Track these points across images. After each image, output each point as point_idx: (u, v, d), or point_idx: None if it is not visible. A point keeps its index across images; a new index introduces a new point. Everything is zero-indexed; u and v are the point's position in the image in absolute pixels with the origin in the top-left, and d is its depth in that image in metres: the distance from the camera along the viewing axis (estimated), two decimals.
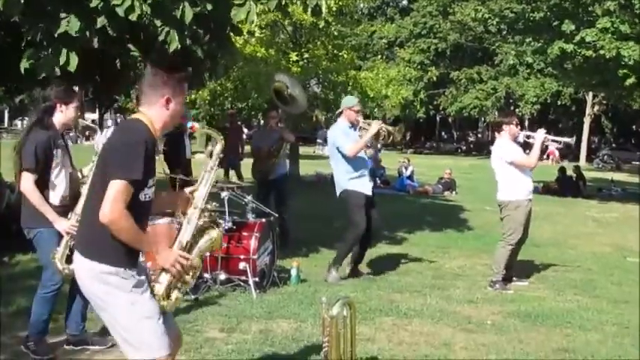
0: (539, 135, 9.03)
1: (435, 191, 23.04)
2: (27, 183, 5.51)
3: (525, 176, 8.92)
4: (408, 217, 15.37)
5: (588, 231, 15.22)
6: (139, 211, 3.71)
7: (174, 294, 3.86)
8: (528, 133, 9.44)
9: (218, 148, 4.16)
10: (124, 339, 3.73)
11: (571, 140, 10.23)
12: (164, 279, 3.80)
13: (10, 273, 8.43)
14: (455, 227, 14.13)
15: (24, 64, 7.37)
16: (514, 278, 9.08)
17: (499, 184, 9.02)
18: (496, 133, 9.40)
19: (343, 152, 8.74)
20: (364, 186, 8.84)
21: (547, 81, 46.59)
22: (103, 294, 3.70)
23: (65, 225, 5.48)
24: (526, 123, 53.01)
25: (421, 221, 14.87)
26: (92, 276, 3.71)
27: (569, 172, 26.14)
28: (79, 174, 5.97)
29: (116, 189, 3.56)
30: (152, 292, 3.76)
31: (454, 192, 22.93)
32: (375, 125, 8.77)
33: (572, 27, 22.01)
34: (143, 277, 3.77)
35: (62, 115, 5.76)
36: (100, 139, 5.88)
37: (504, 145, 9.00)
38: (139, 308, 3.69)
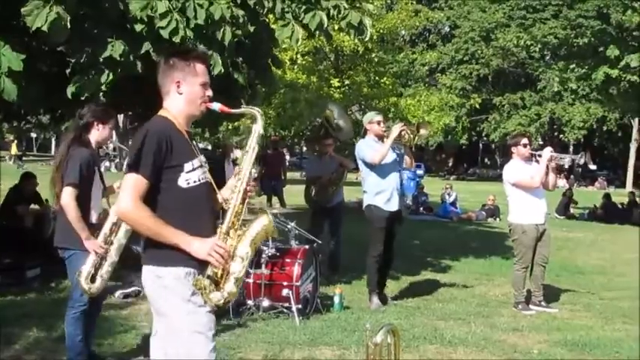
0: (545, 153, 8.89)
1: (479, 217, 22.89)
2: (69, 198, 5.48)
3: (535, 199, 8.83)
4: (451, 243, 15.23)
5: (636, 258, 14.90)
6: (184, 197, 3.62)
7: (228, 286, 3.61)
8: (536, 152, 9.22)
9: (259, 124, 3.87)
10: (175, 350, 3.59)
11: (578, 157, 10.20)
12: (209, 270, 3.55)
13: (57, 298, 8.51)
14: (499, 254, 13.92)
15: (70, 89, 7.48)
16: (542, 303, 9.01)
17: (509, 207, 9.09)
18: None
19: (368, 161, 8.61)
20: (390, 202, 8.65)
21: (592, 106, 46.10)
22: (160, 299, 3.62)
23: (95, 244, 5.47)
24: (570, 149, 52.41)
25: (465, 248, 14.74)
26: (150, 279, 3.64)
27: (618, 198, 25.74)
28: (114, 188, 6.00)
29: (125, 182, 3.54)
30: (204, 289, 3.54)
31: (498, 218, 22.66)
32: (396, 128, 8.57)
33: (617, 52, 21.86)
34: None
35: (97, 134, 5.83)
36: None
37: (510, 167, 9.02)
38: (194, 320, 3.57)
